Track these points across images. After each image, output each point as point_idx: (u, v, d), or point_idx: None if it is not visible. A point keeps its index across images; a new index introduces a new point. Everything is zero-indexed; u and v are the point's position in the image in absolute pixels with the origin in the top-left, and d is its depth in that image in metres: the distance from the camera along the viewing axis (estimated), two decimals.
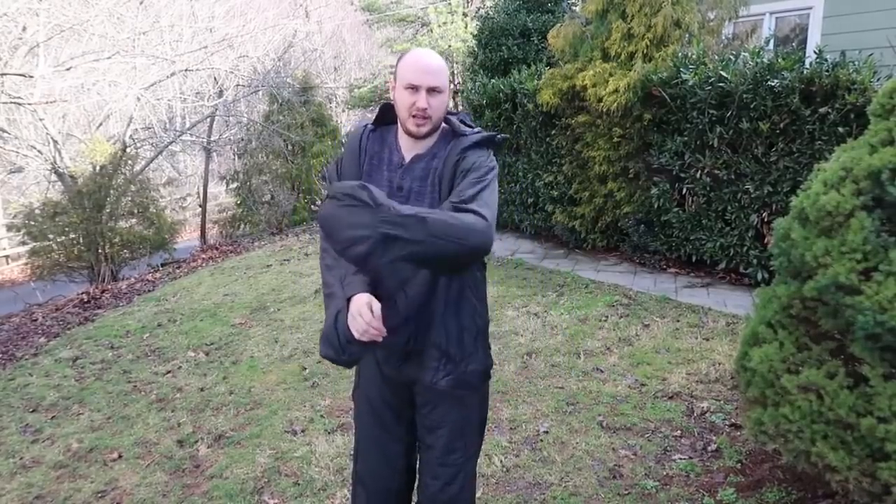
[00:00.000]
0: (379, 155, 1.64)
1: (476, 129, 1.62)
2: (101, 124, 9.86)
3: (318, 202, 10.28)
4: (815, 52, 4.24)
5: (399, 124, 1.60)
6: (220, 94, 10.81)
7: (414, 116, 1.52)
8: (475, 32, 8.85)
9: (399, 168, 1.60)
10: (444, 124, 1.64)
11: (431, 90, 1.51)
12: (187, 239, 11.75)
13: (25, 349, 5.10)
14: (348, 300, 1.48)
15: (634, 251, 5.55)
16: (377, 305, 1.44)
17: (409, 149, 1.62)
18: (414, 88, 1.51)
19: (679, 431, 2.85)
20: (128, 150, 9.02)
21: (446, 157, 1.57)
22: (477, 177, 1.50)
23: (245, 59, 10.82)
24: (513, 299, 4.77)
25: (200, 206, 11.70)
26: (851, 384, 1.84)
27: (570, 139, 5.73)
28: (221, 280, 6.63)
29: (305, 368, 3.94)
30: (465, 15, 11.92)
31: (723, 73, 4.43)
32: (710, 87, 4.52)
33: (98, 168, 8.15)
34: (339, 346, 1.49)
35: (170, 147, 10.65)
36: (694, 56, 4.83)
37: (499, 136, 1.62)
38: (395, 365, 1.67)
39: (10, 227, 9.41)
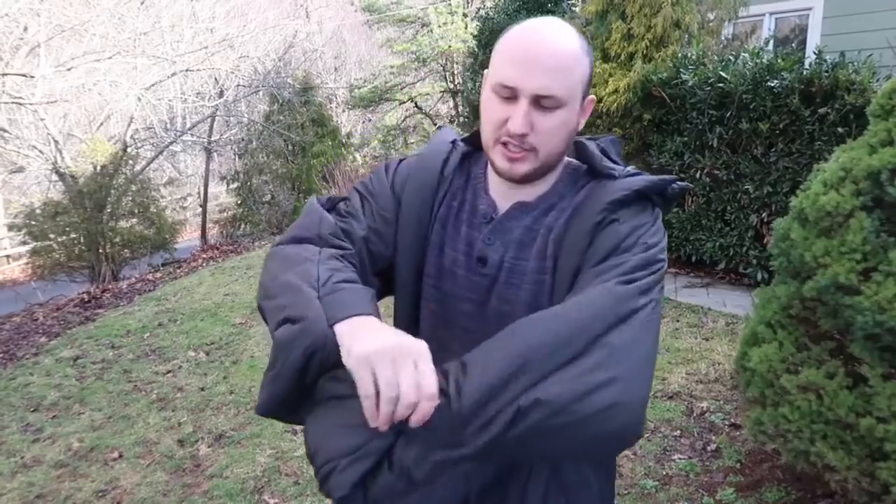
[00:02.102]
0: (462, 195, 0.96)
1: (630, 168, 0.92)
2: (101, 124, 9.87)
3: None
4: (814, 52, 4.25)
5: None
6: (221, 94, 10.82)
7: (504, 144, 0.84)
8: (475, 33, 8.86)
9: (486, 223, 0.92)
10: (566, 157, 0.95)
11: (540, 101, 0.81)
12: (188, 239, 11.75)
13: (26, 349, 5.10)
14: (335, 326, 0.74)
15: None
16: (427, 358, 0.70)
17: (504, 192, 0.93)
18: (509, 93, 0.82)
19: (678, 431, 2.86)
20: (128, 150, 9.03)
21: (573, 212, 0.88)
22: (629, 268, 0.79)
23: (246, 60, 10.83)
24: None
25: (201, 205, 11.70)
26: (851, 384, 1.84)
27: None
28: (222, 280, 6.64)
29: None
30: (465, 15, 11.92)
31: (722, 74, 4.44)
32: (709, 88, 4.52)
33: (99, 168, 8.15)
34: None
35: (170, 147, 10.65)
36: (694, 56, 4.84)
37: (674, 183, 0.89)
38: None
39: (11, 227, 9.41)
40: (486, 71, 0.89)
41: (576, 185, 0.92)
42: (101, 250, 8.00)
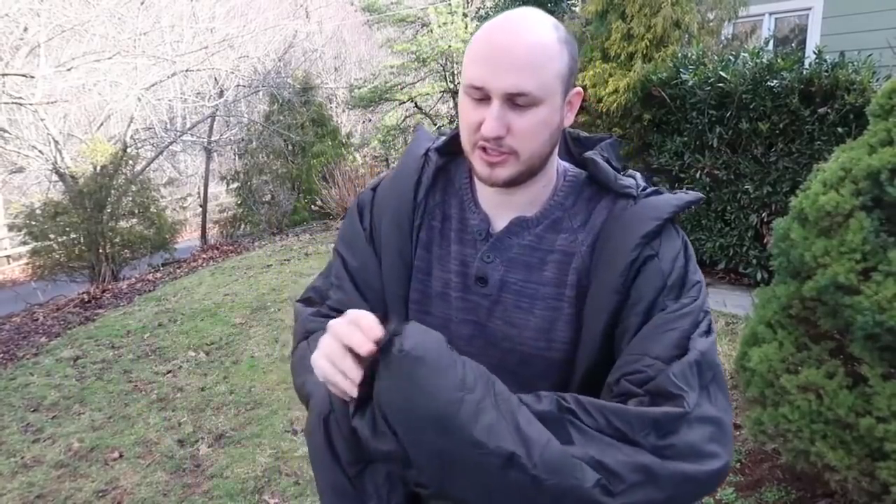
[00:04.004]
0: (443, 210, 0.90)
1: (641, 181, 0.86)
2: (101, 124, 9.88)
3: (319, 202, 10.28)
4: (814, 52, 4.25)
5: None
6: (221, 94, 10.82)
7: (482, 149, 0.78)
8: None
9: (483, 240, 0.86)
10: (564, 163, 0.89)
11: (514, 100, 0.75)
12: (188, 239, 11.75)
13: (26, 349, 5.10)
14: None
15: None
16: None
17: (495, 203, 0.87)
18: (480, 94, 0.76)
19: None
20: (128, 150, 9.03)
21: (597, 241, 0.82)
22: (690, 321, 0.76)
23: (245, 60, 10.83)
24: None
25: (201, 206, 11.71)
26: (850, 384, 1.84)
27: None
28: (222, 280, 6.64)
29: None
30: (465, 15, 11.90)
31: (722, 74, 4.44)
32: (709, 88, 4.52)
33: (99, 168, 8.15)
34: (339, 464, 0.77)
35: (170, 147, 10.66)
36: (693, 56, 4.84)
37: (691, 195, 0.86)
38: None
39: (11, 227, 9.42)
40: None
41: (580, 197, 0.86)
42: (101, 250, 8.00)
